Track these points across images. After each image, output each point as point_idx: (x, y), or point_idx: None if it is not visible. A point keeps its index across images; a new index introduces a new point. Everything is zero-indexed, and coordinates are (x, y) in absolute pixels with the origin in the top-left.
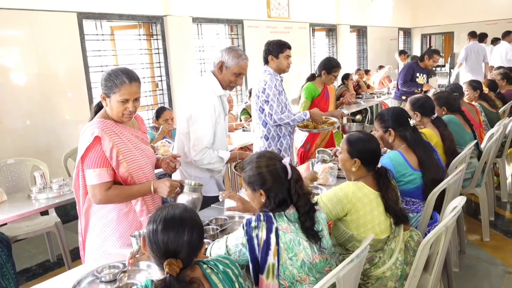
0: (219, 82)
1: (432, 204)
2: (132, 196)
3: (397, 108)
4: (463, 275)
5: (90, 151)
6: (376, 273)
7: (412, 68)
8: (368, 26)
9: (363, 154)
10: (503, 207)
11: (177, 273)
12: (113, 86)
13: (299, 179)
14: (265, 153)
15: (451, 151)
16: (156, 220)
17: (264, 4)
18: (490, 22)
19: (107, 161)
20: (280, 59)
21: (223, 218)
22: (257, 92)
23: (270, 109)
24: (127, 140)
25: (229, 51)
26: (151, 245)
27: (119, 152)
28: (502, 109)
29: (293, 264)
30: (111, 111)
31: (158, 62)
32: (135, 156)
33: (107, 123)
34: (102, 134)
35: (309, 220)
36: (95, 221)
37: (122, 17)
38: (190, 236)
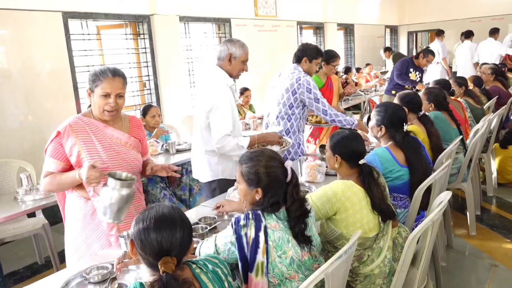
0: (227, 73)
1: (419, 199)
2: (62, 184)
3: (397, 108)
4: (450, 269)
5: (52, 142)
6: (365, 271)
7: (407, 62)
8: (355, 24)
9: (344, 150)
10: (489, 201)
11: (173, 271)
12: (97, 80)
13: (297, 184)
14: (267, 152)
15: (438, 148)
16: (145, 220)
17: (251, 3)
18: (474, 19)
19: (60, 155)
20: (313, 64)
21: (212, 217)
22: (293, 89)
23: (323, 106)
24: (99, 140)
25: (233, 43)
26: (143, 246)
27: (81, 150)
28: (487, 105)
29: (282, 261)
30: (94, 107)
31: (145, 61)
32: (101, 158)
33: (83, 120)
34: (67, 130)
35: (298, 225)
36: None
37: (108, 17)
38: (182, 233)
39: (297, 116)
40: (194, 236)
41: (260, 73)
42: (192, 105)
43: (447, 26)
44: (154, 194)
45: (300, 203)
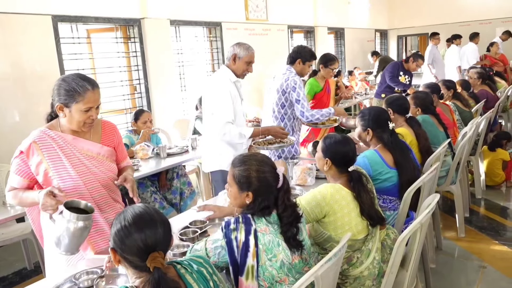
0: (234, 72)
1: (408, 202)
2: (23, 202)
3: (379, 109)
4: (439, 271)
5: (16, 158)
6: (354, 273)
7: (397, 66)
8: (345, 28)
9: (335, 155)
10: (477, 203)
11: (163, 265)
12: (76, 95)
13: (288, 191)
14: (259, 156)
15: (426, 150)
16: (124, 223)
17: (242, 7)
18: (463, 23)
19: (24, 173)
20: (306, 66)
21: (202, 221)
22: (284, 88)
23: (302, 107)
24: (67, 156)
25: (239, 45)
26: (128, 248)
27: (48, 168)
28: (475, 108)
29: (273, 265)
30: (71, 123)
31: (136, 65)
32: (70, 175)
33: (49, 134)
34: (32, 148)
35: (291, 230)
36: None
37: (99, 20)
38: (163, 228)
39: (290, 116)
40: (184, 240)
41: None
42: (183, 108)
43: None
44: (144, 198)
45: (292, 209)
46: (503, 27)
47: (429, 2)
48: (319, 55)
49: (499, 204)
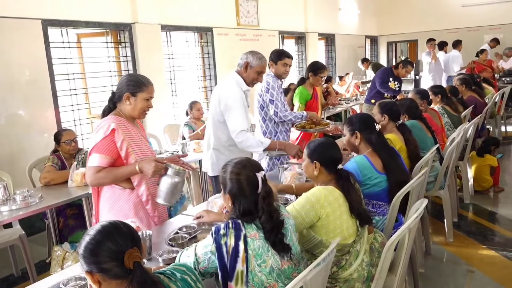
0: (244, 79)
1: (397, 207)
2: (118, 177)
3: (365, 113)
4: (428, 275)
5: (104, 140)
6: (344, 275)
7: (387, 71)
8: (336, 34)
9: (322, 156)
10: (466, 208)
11: (141, 260)
12: (142, 86)
13: (267, 196)
14: (242, 161)
15: (415, 156)
16: (88, 238)
17: (233, 12)
18: (451, 30)
19: (112, 151)
20: (278, 65)
21: (192, 226)
22: (259, 92)
23: (275, 107)
24: (135, 135)
25: (253, 54)
26: (104, 259)
27: (129, 145)
28: (463, 114)
29: (262, 270)
30: (134, 109)
31: (127, 69)
32: (142, 149)
33: (121, 120)
34: (117, 127)
35: (273, 236)
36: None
37: (89, 25)
38: (126, 229)
39: (270, 118)
40: (173, 246)
41: None
42: (174, 113)
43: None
44: None
45: (270, 214)
46: (490, 34)
47: (417, 9)
48: (309, 61)
49: (487, 209)
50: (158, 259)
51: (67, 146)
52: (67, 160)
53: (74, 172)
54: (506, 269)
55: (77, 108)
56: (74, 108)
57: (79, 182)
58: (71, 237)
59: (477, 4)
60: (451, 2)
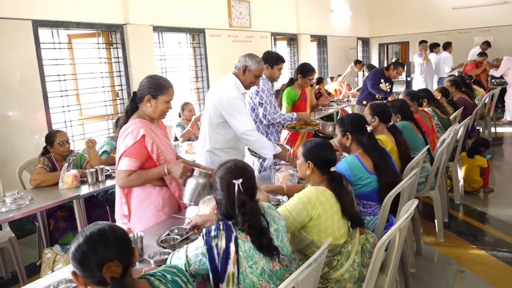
0: (241, 82)
1: (388, 207)
2: (149, 179)
3: (356, 114)
4: (419, 276)
5: (135, 145)
6: (335, 275)
7: (378, 73)
8: (328, 35)
9: (316, 157)
10: (456, 209)
11: (119, 274)
12: (163, 88)
13: (242, 206)
14: (230, 165)
15: (406, 157)
16: (78, 240)
17: (226, 14)
18: (442, 32)
19: (142, 155)
20: (274, 69)
21: (184, 228)
22: (250, 94)
23: (264, 110)
24: (160, 137)
25: (251, 58)
26: (82, 264)
27: (158, 147)
28: (453, 115)
29: (253, 272)
30: (154, 111)
31: (118, 71)
32: (167, 150)
33: (146, 123)
34: (146, 133)
35: (258, 241)
36: (142, 211)
37: (80, 25)
38: (114, 238)
39: (261, 119)
40: (165, 247)
41: None
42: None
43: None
44: None
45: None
46: (481, 37)
47: (409, 11)
48: (302, 62)
49: (477, 209)
50: (150, 260)
51: (60, 148)
52: (58, 162)
53: (65, 174)
54: (496, 269)
55: (68, 109)
56: (65, 109)
57: (70, 184)
58: (61, 239)
59: (467, 7)
60: (442, 5)
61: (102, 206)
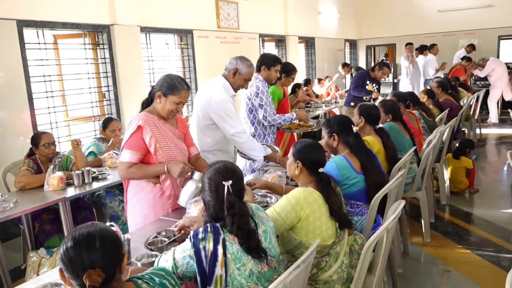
0: (230, 84)
1: (375, 208)
2: (147, 174)
3: (342, 116)
4: (406, 276)
5: (133, 136)
6: (324, 277)
7: (363, 75)
8: (315, 37)
9: (306, 157)
10: (442, 209)
11: (99, 284)
12: (175, 89)
13: (231, 207)
14: (219, 166)
15: (393, 159)
16: (66, 242)
17: (214, 15)
18: (428, 35)
19: (141, 147)
20: (271, 71)
21: (171, 230)
22: (249, 95)
23: (264, 112)
24: (164, 133)
25: (243, 61)
26: (68, 266)
27: (156, 142)
28: (439, 117)
29: (241, 274)
30: (162, 109)
31: (105, 71)
32: (169, 147)
33: (151, 117)
34: (144, 124)
35: (247, 243)
36: (135, 202)
37: (66, 26)
38: (101, 245)
39: (259, 121)
40: (152, 250)
41: None
42: None
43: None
44: (112, 207)
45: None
46: (466, 39)
47: (395, 13)
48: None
49: (463, 209)
50: (137, 263)
51: (46, 150)
52: (43, 164)
53: (51, 176)
54: (481, 268)
55: (54, 110)
56: (50, 110)
57: (55, 186)
58: (47, 243)
59: (453, 10)
60: (428, 7)
61: (88, 209)
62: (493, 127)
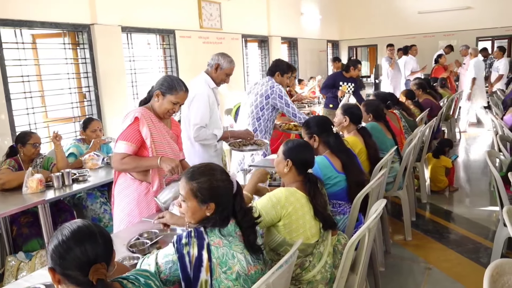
0: (213, 79)
1: (358, 207)
2: (140, 166)
3: (322, 116)
4: (388, 274)
5: (129, 128)
6: (307, 277)
7: (335, 76)
8: (298, 38)
9: (296, 156)
10: (423, 208)
11: (106, 276)
12: (173, 89)
13: (242, 196)
14: (216, 166)
15: (375, 159)
16: (63, 239)
17: (196, 15)
18: (408, 36)
19: (137, 139)
20: (284, 77)
21: (154, 232)
22: (267, 94)
23: (293, 110)
24: (158, 129)
25: (224, 57)
26: (69, 264)
27: (152, 136)
28: (420, 117)
29: (228, 277)
30: (159, 107)
31: (85, 72)
32: (162, 144)
33: (148, 112)
34: (141, 117)
35: (252, 234)
36: (120, 199)
37: (45, 25)
38: (103, 240)
39: (265, 118)
40: (134, 252)
41: None
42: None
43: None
44: (93, 209)
45: (250, 212)
46: (445, 40)
47: (377, 15)
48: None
49: (443, 208)
50: None
51: (33, 149)
52: (25, 164)
53: (29, 179)
54: (460, 265)
55: (33, 111)
56: (29, 111)
57: (34, 189)
58: (25, 246)
59: (432, 11)
60: (408, 9)
61: (69, 211)
62: (472, 127)
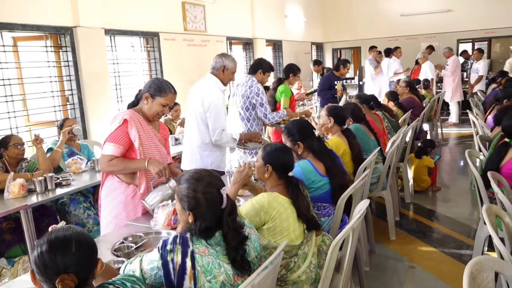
0: (221, 81)
1: (342, 208)
2: (127, 168)
3: (301, 121)
4: (373, 273)
5: (117, 130)
6: (292, 277)
7: (329, 77)
8: (283, 40)
9: (276, 161)
10: (407, 207)
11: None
12: (163, 91)
13: (233, 212)
14: (205, 176)
15: (359, 160)
16: (41, 244)
17: (180, 18)
18: (391, 38)
19: (125, 142)
20: (265, 76)
21: (138, 235)
22: (247, 94)
23: (265, 110)
24: (147, 132)
25: (226, 57)
26: (41, 269)
27: (140, 138)
28: (403, 118)
29: (213, 286)
30: (149, 110)
31: (68, 75)
32: (150, 147)
33: (136, 115)
34: (130, 119)
35: (235, 252)
36: (107, 202)
37: (26, 28)
38: (77, 249)
39: (254, 117)
40: (119, 256)
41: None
42: None
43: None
44: (76, 215)
45: (237, 230)
46: (427, 42)
47: (360, 17)
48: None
49: (426, 207)
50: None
51: (15, 150)
52: (11, 166)
53: (11, 183)
54: (443, 264)
55: (14, 115)
56: (10, 115)
57: (16, 194)
58: (7, 253)
59: (414, 14)
60: (391, 12)
61: (52, 216)
62: (453, 127)
